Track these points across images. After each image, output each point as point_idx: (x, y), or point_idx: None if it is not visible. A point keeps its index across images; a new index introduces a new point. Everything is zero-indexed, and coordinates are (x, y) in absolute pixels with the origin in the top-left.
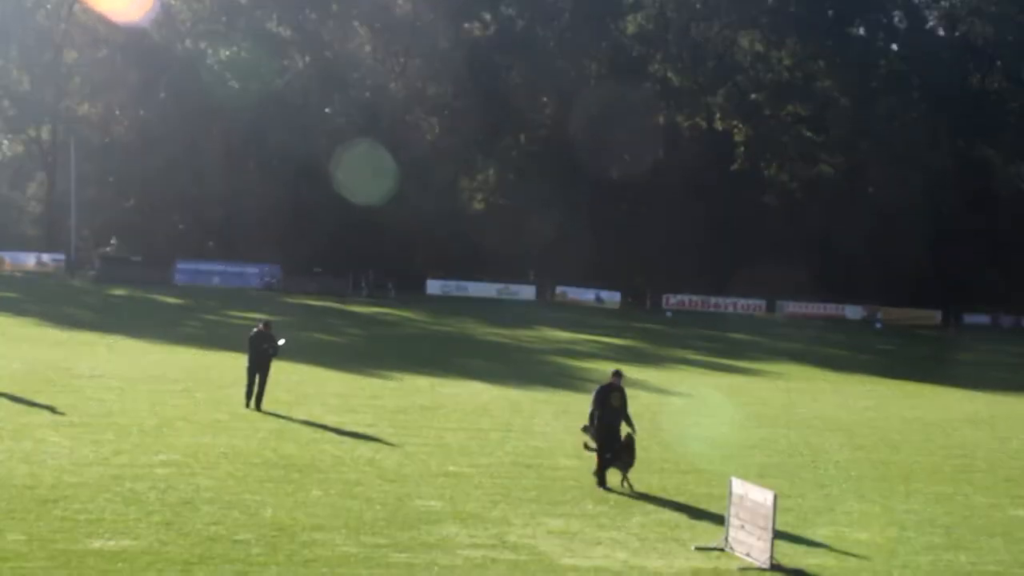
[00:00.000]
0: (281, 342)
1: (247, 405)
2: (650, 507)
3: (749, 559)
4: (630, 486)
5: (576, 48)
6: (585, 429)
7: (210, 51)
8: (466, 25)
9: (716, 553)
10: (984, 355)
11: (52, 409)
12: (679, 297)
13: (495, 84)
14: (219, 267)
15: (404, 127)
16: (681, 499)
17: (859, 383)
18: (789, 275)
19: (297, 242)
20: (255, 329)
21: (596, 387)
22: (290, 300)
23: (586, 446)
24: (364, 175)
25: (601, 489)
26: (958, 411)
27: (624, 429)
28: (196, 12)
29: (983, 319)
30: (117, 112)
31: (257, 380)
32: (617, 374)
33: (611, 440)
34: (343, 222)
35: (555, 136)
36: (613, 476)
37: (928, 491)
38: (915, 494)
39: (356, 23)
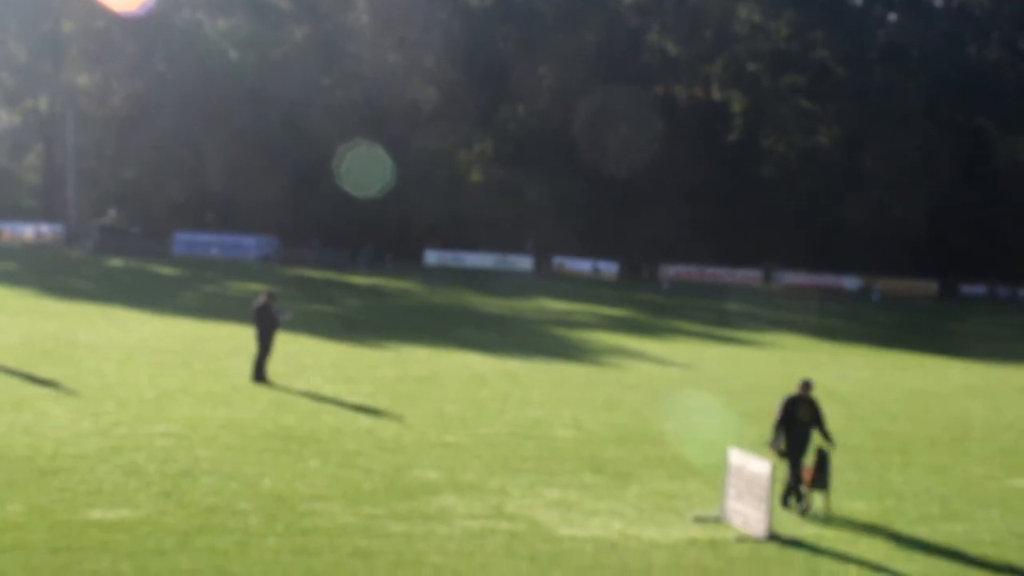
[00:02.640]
0: (287, 315)
1: (256, 376)
2: (647, 478)
3: (746, 529)
4: (828, 508)
5: (573, 19)
6: (771, 445)
7: (208, 22)
8: None
9: (713, 523)
10: (981, 326)
11: (51, 381)
12: (676, 268)
13: (493, 56)
14: (217, 238)
15: (402, 98)
16: (678, 470)
17: (856, 353)
18: (787, 246)
19: (295, 214)
20: (258, 300)
21: (782, 399)
22: (288, 272)
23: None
24: (363, 163)
25: (800, 506)
26: (955, 382)
27: (817, 441)
28: None
29: (980, 289)
30: (115, 83)
31: (260, 351)
32: (806, 385)
33: (799, 456)
34: (341, 194)
35: (553, 108)
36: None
37: (925, 462)
38: (912, 465)
39: None
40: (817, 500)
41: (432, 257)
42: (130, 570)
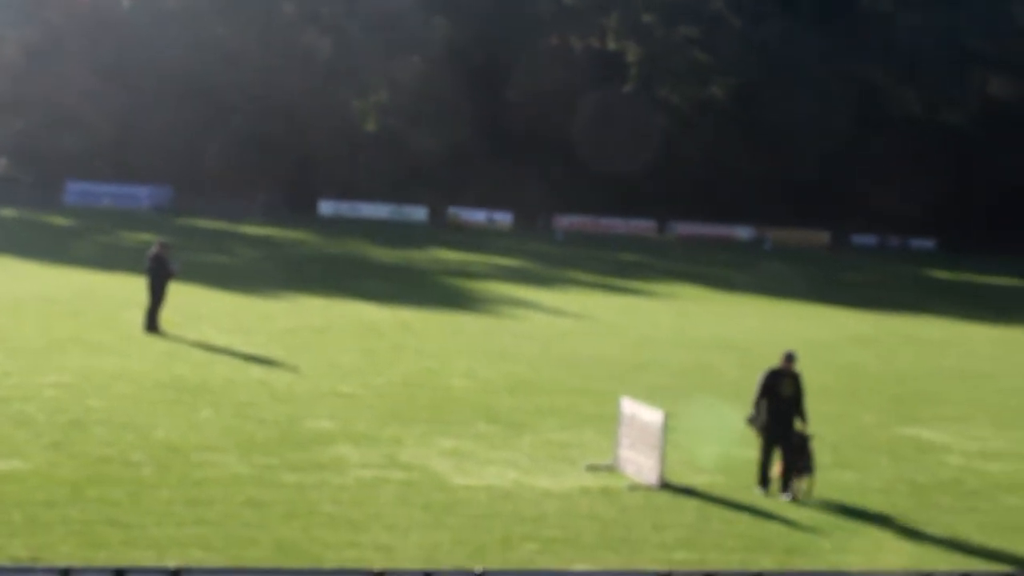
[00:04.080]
0: (176, 266)
1: (148, 327)
2: (541, 427)
3: (639, 478)
4: (810, 492)
5: None
6: (750, 421)
7: None
8: None
9: (606, 472)
10: (872, 275)
11: None
12: (571, 218)
13: (389, 3)
14: (110, 188)
15: (296, 46)
16: (572, 419)
17: (749, 303)
18: (680, 196)
19: (190, 164)
20: (151, 251)
21: (762, 372)
22: (182, 222)
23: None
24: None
25: (761, 489)
26: (847, 331)
27: (797, 426)
28: None
29: (871, 240)
30: (7, 33)
31: (153, 301)
32: (789, 357)
33: (781, 435)
34: (235, 144)
35: (450, 57)
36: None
37: (816, 410)
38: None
39: None
40: (774, 483)
41: (327, 208)
42: (20, 521)
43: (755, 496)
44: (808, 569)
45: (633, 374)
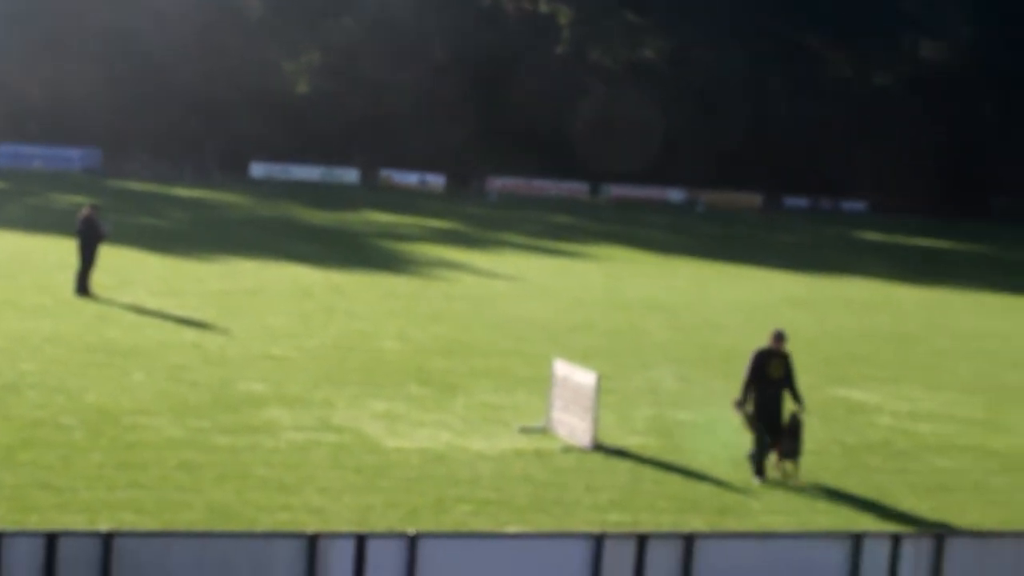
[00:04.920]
0: (106, 228)
1: (79, 290)
2: (474, 389)
3: (572, 440)
4: (795, 478)
5: None
6: (738, 405)
7: None
8: None
9: (539, 434)
10: (804, 237)
11: None
12: (504, 180)
13: None
14: (40, 150)
15: (227, 7)
16: (505, 381)
17: (682, 265)
18: (613, 158)
19: (121, 126)
20: (82, 213)
21: (752, 353)
22: (113, 184)
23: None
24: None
25: (758, 479)
26: (779, 292)
27: (789, 407)
28: None
29: (803, 202)
30: None
31: (83, 264)
32: (778, 336)
33: (771, 419)
34: (166, 105)
35: (381, 18)
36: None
37: None
38: (735, 375)
39: None
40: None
41: (258, 170)
42: None
43: (687, 457)
44: (739, 530)
45: (566, 336)
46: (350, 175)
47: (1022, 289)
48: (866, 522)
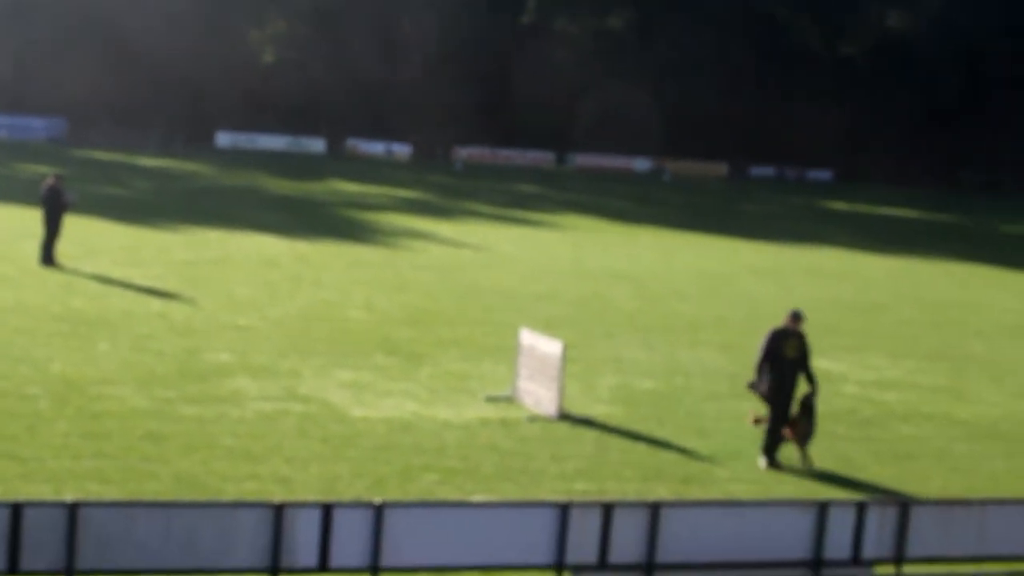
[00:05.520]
0: (71, 197)
1: (44, 259)
2: (440, 359)
3: (538, 409)
4: (809, 462)
5: None
6: (751, 387)
7: None
8: None
9: (505, 403)
10: (769, 207)
11: None
12: (469, 149)
13: None
14: (4, 120)
15: None
16: (471, 350)
17: (647, 235)
18: (579, 127)
19: (86, 95)
20: (46, 183)
21: (766, 333)
22: (77, 154)
23: (756, 421)
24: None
25: (770, 466)
26: (744, 262)
27: (802, 388)
28: None
29: (768, 171)
30: None
31: (48, 234)
32: (795, 316)
33: (785, 402)
34: (131, 75)
35: None
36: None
37: (714, 341)
38: (701, 344)
39: None
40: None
41: (224, 139)
42: None
43: (652, 426)
44: (704, 498)
45: (531, 305)
46: (316, 144)
47: (988, 259)
48: (831, 491)
